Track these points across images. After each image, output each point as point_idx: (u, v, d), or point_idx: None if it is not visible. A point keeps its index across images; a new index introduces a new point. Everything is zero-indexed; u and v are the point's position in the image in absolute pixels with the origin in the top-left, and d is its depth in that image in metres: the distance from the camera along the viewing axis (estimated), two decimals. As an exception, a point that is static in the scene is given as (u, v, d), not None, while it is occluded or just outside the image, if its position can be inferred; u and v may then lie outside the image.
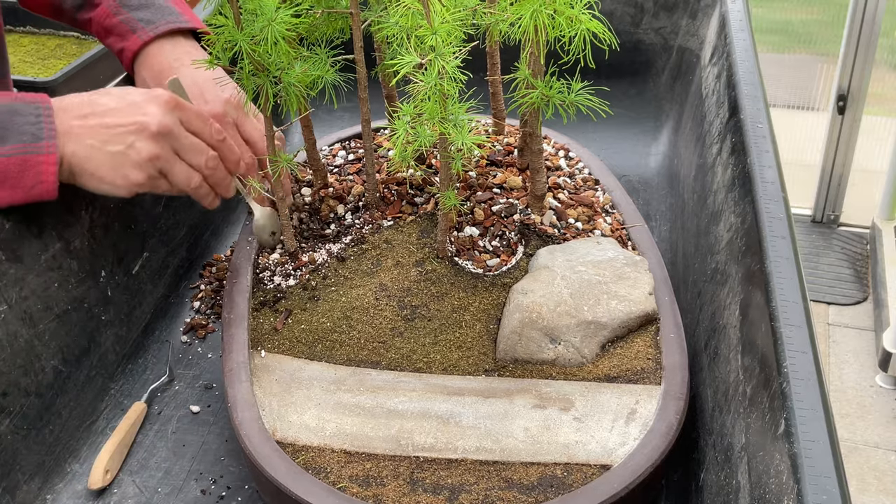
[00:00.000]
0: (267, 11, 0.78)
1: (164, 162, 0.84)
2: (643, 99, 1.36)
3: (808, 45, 2.81)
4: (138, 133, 0.82)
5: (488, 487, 0.72)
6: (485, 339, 0.85)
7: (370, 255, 0.91)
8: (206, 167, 0.87)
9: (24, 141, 0.79)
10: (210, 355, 0.98)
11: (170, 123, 0.83)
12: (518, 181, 0.97)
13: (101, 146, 0.82)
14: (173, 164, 0.85)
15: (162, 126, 0.83)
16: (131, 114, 0.82)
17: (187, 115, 0.86)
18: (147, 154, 0.82)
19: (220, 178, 0.89)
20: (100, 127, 0.82)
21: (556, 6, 0.73)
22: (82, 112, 0.82)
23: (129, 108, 0.83)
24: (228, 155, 0.90)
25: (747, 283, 0.77)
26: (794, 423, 0.59)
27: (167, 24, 1.00)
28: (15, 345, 0.81)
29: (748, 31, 1.13)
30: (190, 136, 0.86)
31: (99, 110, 0.83)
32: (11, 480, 0.79)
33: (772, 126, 0.93)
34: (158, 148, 0.83)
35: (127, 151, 0.82)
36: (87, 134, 0.81)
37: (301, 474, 0.72)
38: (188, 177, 0.86)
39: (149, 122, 0.82)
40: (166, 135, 0.83)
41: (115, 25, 1.02)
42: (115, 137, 0.82)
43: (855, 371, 2.30)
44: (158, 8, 1.02)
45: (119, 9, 1.02)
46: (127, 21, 1.01)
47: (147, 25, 1.00)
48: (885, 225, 2.61)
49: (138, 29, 1.00)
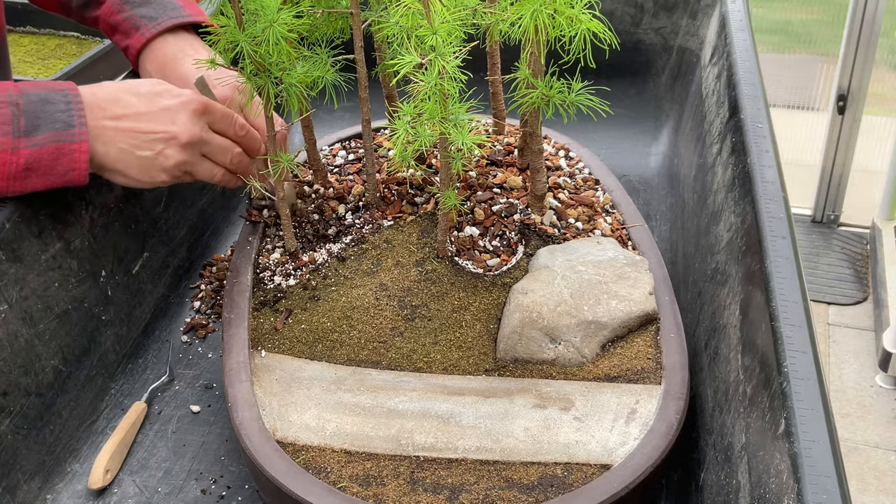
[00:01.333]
0: (268, 12, 0.79)
1: (190, 165, 0.88)
2: (643, 99, 1.36)
3: (808, 45, 2.81)
4: (168, 142, 0.85)
5: (488, 487, 0.72)
6: (485, 338, 0.85)
7: (370, 255, 0.91)
8: (231, 163, 0.91)
9: (57, 129, 0.81)
10: (210, 355, 0.98)
11: (198, 133, 0.87)
12: (518, 181, 0.97)
13: (131, 150, 0.85)
14: (199, 165, 0.89)
15: (192, 136, 0.86)
16: (163, 121, 0.86)
17: (214, 116, 0.89)
18: (175, 161, 0.86)
19: (244, 167, 0.93)
20: (132, 131, 0.85)
21: (557, 6, 0.73)
22: (115, 113, 0.84)
23: (161, 115, 0.86)
24: (251, 145, 0.93)
25: (747, 282, 0.77)
26: (794, 423, 0.59)
27: (169, 19, 1.01)
28: (15, 344, 0.81)
29: (748, 31, 1.13)
30: (216, 138, 0.90)
31: (131, 112, 0.85)
32: (11, 480, 0.79)
33: (772, 126, 0.93)
34: (187, 155, 0.87)
35: (157, 157, 0.86)
36: (120, 138, 0.84)
37: (301, 474, 0.72)
38: (212, 172, 0.91)
39: (179, 133, 0.86)
40: (196, 143, 0.87)
41: (119, 23, 1.03)
42: (145, 143, 0.85)
43: (855, 371, 2.30)
44: (160, 4, 1.03)
45: (122, 6, 1.03)
46: (130, 18, 1.02)
47: (150, 22, 1.01)
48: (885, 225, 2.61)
49: (141, 26, 1.01)
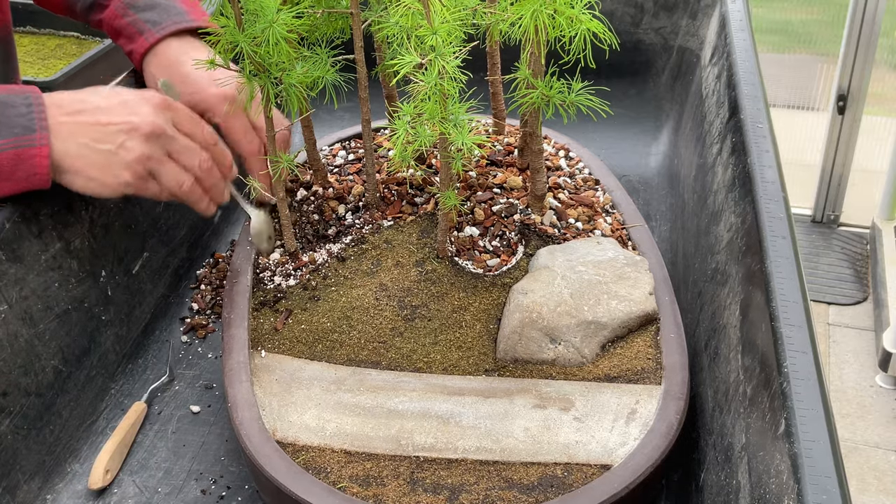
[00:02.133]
0: (268, 13, 0.79)
1: (154, 163, 0.84)
2: (643, 99, 1.36)
3: (808, 45, 2.81)
4: (130, 133, 0.82)
5: (488, 487, 0.72)
6: (485, 339, 0.85)
7: (370, 255, 0.91)
8: (200, 169, 0.87)
9: (17, 134, 0.78)
10: (210, 355, 0.98)
11: (162, 124, 0.83)
12: (518, 181, 0.97)
13: (91, 144, 0.81)
14: (164, 165, 0.84)
15: (154, 126, 0.82)
16: (123, 113, 0.82)
17: (180, 116, 0.86)
18: (137, 154, 0.82)
19: (214, 181, 0.89)
20: (91, 125, 0.81)
21: (557, 6, 0.73)
22: (73, 109, 0.82)
23: (120, 108, 0.83)
24: (221, 159, 0.90)
25: (747, 283, 0.77)
26: (794, 423, 0.59)
27: (173, 24, 1.00)
28: (15, 345, 0.81)
29: (748, 31, 1.13)
30: (183, 137, 0.86)
31: (90, 108, 0.82)
32: (11, 480, 0.79)
33: (772, 126, 0.93)
34: (149, 148, 0.83)
35: (117, 151, 0.82)
36: (78, 132, 0.81)
37: (301, 474, 0.72)
38: (179, 179, 0.86)
39: (140, 123, 0.82)
40: (158, 136, 0.83)
41: (123, 27, 1.02)
42: (106, 136, 0.81)
43: (855, 371, 2.30)
44: (165, 8, 1.02)
45: (126, 10, 1.02)
46: (134, 23, 1.01)
47: (153, 27, 1.00)
48: (885, 225, 2.61)
49: (145, 31, 1.00)
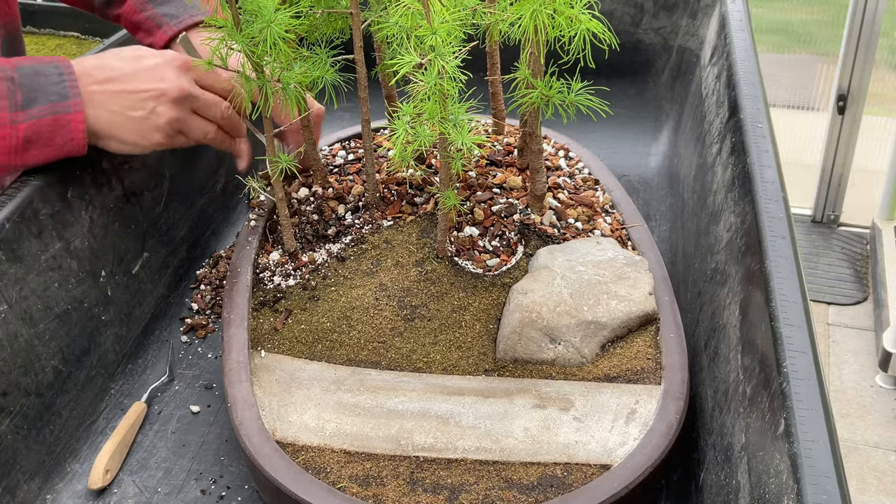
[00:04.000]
0: (266, 13, 0.78)
1: (182, 122, 0.89)
2: (643, 99, 1.36)
3: (808, 45, 2.81)
4: (158, 98, 0.86)
5: (488, 487, 0.72)
6: (485, 339, 0.85)
7: (370, 255, 0.91)
8: (222, 118, 0.92)
9: (53, 101, 0.82)
10: (210, 355, 0.98)
11: (187, 87, 0.88)
12: (518, 181, 0.97)
13: (123, 111, 0.86)
14: (191, 122, 0.90)
15: (181, 90, 0.87)
16: (150, 80, 0.86)
17: (199, 72, 0.90)
18: (168, 118, 0.87)
19: (235, 124, 0.94)
20: (122, 93, 0.85)
21: (556, 6, 0.73)
22: (102, 77, 0.85)
23: (147, 74, 0.87)
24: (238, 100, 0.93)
25: (747, 282, 0.77)
26: (794, 423, 0.59)
27: (190, 17, 1.03)
28: (15, 345, 0.81)
29: (748, 31, 1.13)
30: (205, 93, 0.91)
31: (118, 75, 0.86)
32: (11, 480, 0.79)
33: (772, 126, 0.93)
34: (178, 111, 0.88)
35: (149, 116, 0.86)
36: (110, 100, 0.85)
37: (301, 474, 0.72)
38: (205, 130, 0.92)
39: (168, 88, 0.87)
40: (185, 98, 0.88)
41: (141, 21, 1.05)
42: (137, 104, 0.86)
43: (855, 371, 2.30)
44: (181, 2, 1.04)
45: (145, 5, 1.05)
46: (152, 17, 1.04)
47: (171, 20, 1.03)
48: (885, 225, 2.61)
49: (163, 24, 1.03)
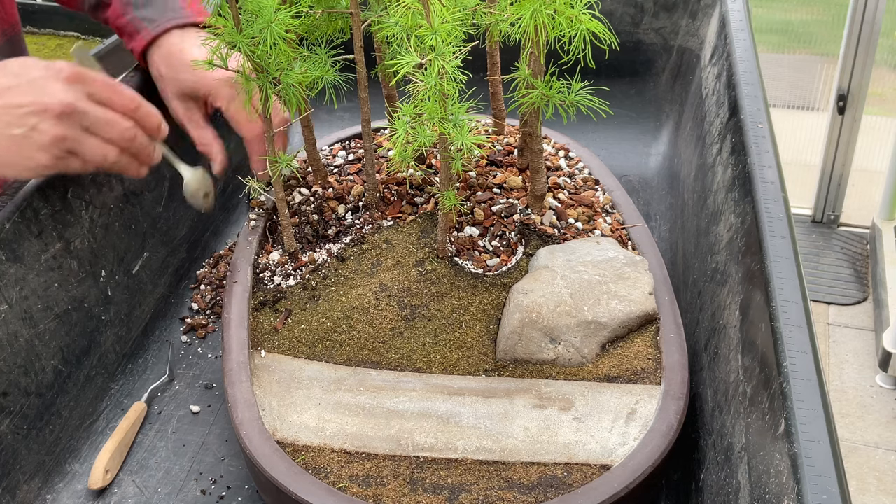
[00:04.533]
0: (266, 13, 0.78)
1: (71, 141, 0.79)
2: (643, 99, 1.36)
3: (808, 45, 2.81)
4: (40, 114, 0.77)
5: (488, 487, 0.72)
6: (485, 339, 0.85)
7: (370, 255, 0.91)
8: (123, 139, 0.83)
9: None
10: (210, 355, 0.98)
11: (73, 101, 0.78)
12: (518, 181, 0.97)
13: (1, 129, 0.77)
14: (83, 142, 0.80)
15: (65, 105, 0.78)
16: (32, 93, 0.77)
17: (94, 86, 0.81)
18: (52, 136, 0.78)
19: (141, 146, 0.84)
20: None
21: (556, 6, 0.73)
22: None
23: (28, 87, 0.78)
24: (147, 120, 0.85)
25: (747, 283, 0.77)
26: (794, 423, 0.59)
27: (168, 21, 1.01)
28: (15, 345, 0.81)
29: (748, 31, 1.13)
30: (99, 109, 0.81)
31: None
32: (11, 480, 0.79)
33: (772, 126, 0.93)
34: (63, 128, 0.78)
35: (30, 134, 0.77)
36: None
37: (301, 474, 0.72)
38: (102, 152, 0.82)
39: (51, 102, 0.77)
40: (71, 113, 0.78)
41: (124, 25, 1.03)
42: (16, 119, 0.77)
43: (855, 371, 2.30)
44: (161, 5, 1.02)
45: (126, 8, 1.03)
46: (133, 21, 1.02)
47: (150, 24, 1.01)
48: (885, 225, 2.61)
49: (142, 29, 1.01)
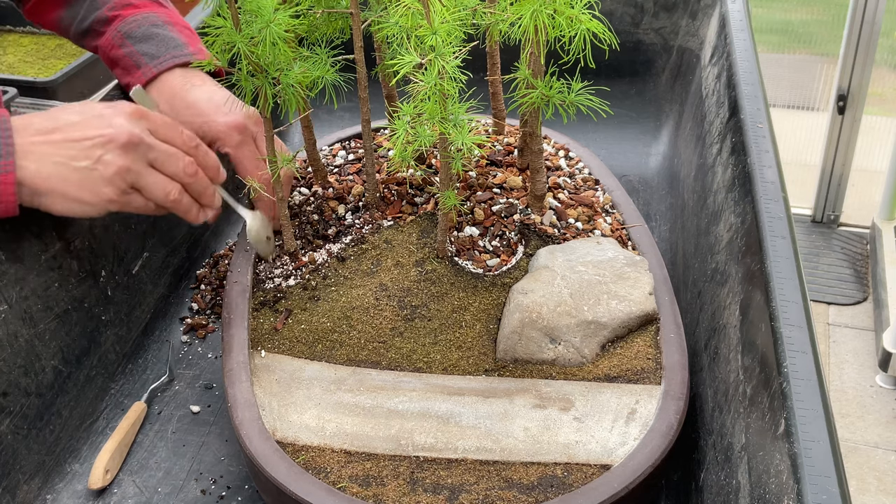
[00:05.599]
0: (265, 13, 0.78)
1: (135, 174, 0.80)
2: (643, 99, 1.36)
3: (808, 45, 2.81)
4: (106, 145, 0.78)
5: (488, 487, 0.72)
6: (485, 339, 0.85)
7: (370, 255, 0.91)
8: (185, 174, 0.83)
9: None
10: (210, 355, 0.98)
11: (138, 133, 0.79)
12: (518, 181, 0.97)
13: (66, 162, 0.77)
14: (147, 176, 0.80)
15: (131, 136, 0.78)
16: (97, 126, 0.78)
17: (155, 124, 0.82)
18: (117, 167, 0.78)
19: (202, 186, 0.85)
20: (65, 142, 0.77)
21: (556, 6, 0.73)
22: (44, 128, 0.78)
23: (94, 121, 0.79)
24: (206, 161, 0.86)
25: (747, 283, 0.77)
26: (794, 423, 0.59)
27: (172, 58, 0.96)
28: (15, 344, 0.81)
29: (748, 31, 1.13)
30: (162, 143, 0.82)
31: (62, 125, 0.78)
32: (11, 480, 0.79)
33: (772, 126, 0.93)
34: (129, 160, 0.79)
35: (95, 166, 0.78)
36: (52, 151, 0.77)
37: (301, 474, 0.72)
38: (165, 189, 0.82)
39: (116, 134, 0.78)
40: (136, 145, 0.79)
41: (120, 58, 0.98)
42: (81, 152, 0.77)
43: (855, 371, 2.30)
44: (164, 40, 0.97)
45: (124, 40, 0.97)
46: (131, 55, 0.96)
47: (151, 61, 0.96)
48: (885, 225, 2.61)
49: (143, 64, 0.96)
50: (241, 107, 0.93)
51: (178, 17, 1.03)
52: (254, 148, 0.94)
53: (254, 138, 0.94)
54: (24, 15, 1.06)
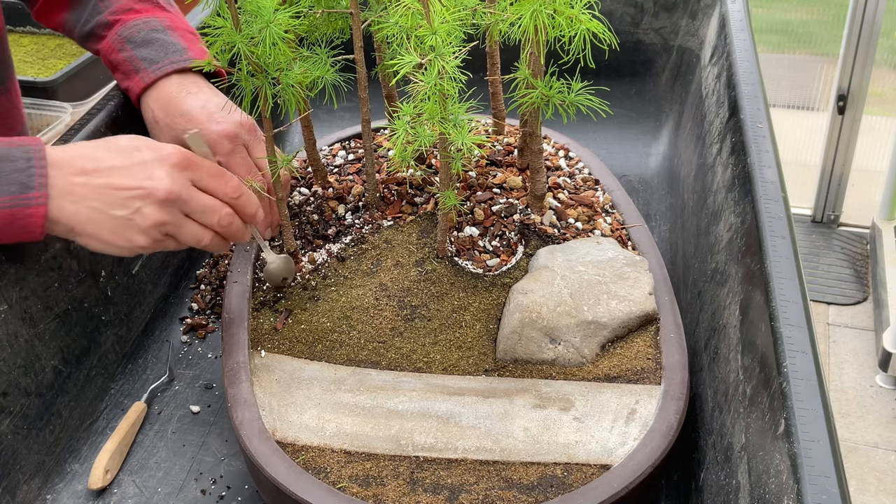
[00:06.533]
0: (265, 13, 0.78)
1: (171, 227, 0.80)
2: (643, 99, 1.36)
3: (808, 45, 2.81)
4: (144, 199, 0.78)
5: (488, 487, 0.72)
6: (485, 339, 0.85)
7: (370, 255, 0.91)
8: (219, 225, 0.83)
9: (13, 192, 0.74)
10: (210, 355, 0.98)
11: (178, 189, 0.79)
12: (518, 181, 0.97)
13: (104, 209, 0.77)
14: (181, 227, 0.81)
15: (170, 193, 0.78)
16: (138, 176, 0.78)
17: (200, 173, 0.81)
18: (153, 221, 0.78)
19: (235, 231, 0.85)
20: (104, 188, 0.77)
21: (556, 6, 0.73)
22: (85, 168, 0.77)
23: (135, 169, 0.78)
24: (246, 208, 0.85)
25: (747, 283, 0.77)
26: (794, 423, 0.59)
27: (170, 63, 0.96)
28: (15, 344, 0.81)
29: (748, 31, 1.13)
30: (201, 196, 0.81)
31: (104, 167, 0.78)
32: (11, 480, 0.79)
33: (772, 126, 0.93)
34: (166, 214, 0.79)
35: (132, 216, 0.78)
36: (91, 195, 0.77)
37: (301, 474, 0.72)
38: (197, 237, 0.82)
39: (156, 188, 0.78)
40: (174, 201, 0.79)
41: (120, 62, 0.98)
42: (119, 201, 0.77)
43: (855, 371, 2.30)
44: (163, 45, 0.97)
45: (124, 44, 0.97)
46: (130, 59, 0.96)
47: (150, 66, 0.95)
48: (885, 225, 2.61)
49: (141, 69, 0.96)
50: (234, 114, 0.93)
51: (180, 21, 1.03)
52: (245, 155, 0.94)
53: (246, 146, 0.94)
54: (32, 16, 1.07)
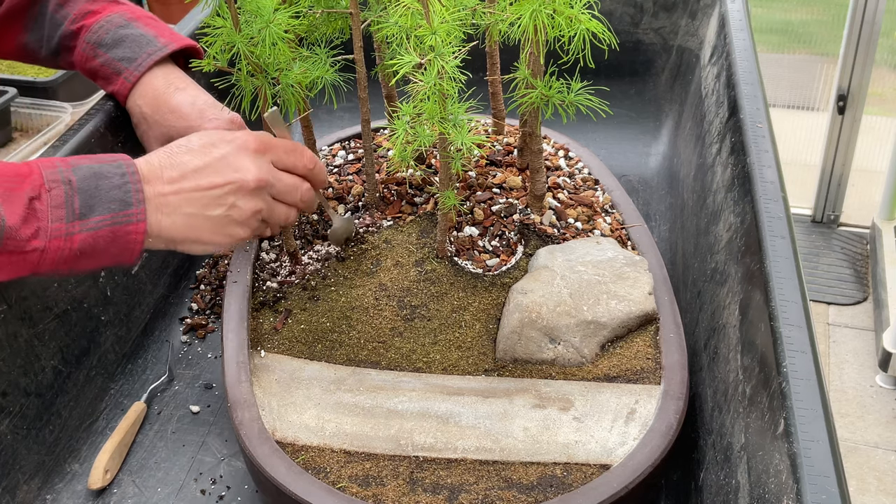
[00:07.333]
0: (265, 13, 0.78)
1: (265, 212, 0.81)
2: (643, 99, 1.36)
3: (808, 45, 2.81)
4: (237, 192, 0.78)
5: (488, 487, 0.72)
6: (484, 338, 0.85)
7: (370, 255, 0.91)
8: (302, 200, 0.84)
9: (113, 210, 0.73)
10: (210, 355, 0.98)
11: (265, 175, 0.80)
12: (518, 181, 0.97)
13: (200, 212, 0.77)
14: (273, 210, 0.82)
15: (259, 181, 0.79)
16: (224, 172, 0.78)
17: (277, 153, 0.82)
18: (250, 211, 0.79)
19: (310, 201, 0.86)
20: (195, 191, 0.77)
21: (556, 6, 0.73)
22: (171, 177, 0.77)
23: (220, 165, 0.78)
24: (319, 176, 0.86)
25: (747, 282, 0.77)
26: (793, 423, 0.59)
27: (148, 56, 0.95)
28: (15, 345, 0.81)
29: (748, 31, 1.13)
30: (284, 177, 0.82)
31: (188, 171, 0.77)
32: (11, 480, 0.79)
33: (772, 126, 0.93)
34: (259, 202, 0.80)
35: (229, 212, 0.78)
36: (184, 203, 0.77)
37: (301, 474, 0.72)
38: (286, 216, 0.84)
39: (245, 179, 0.78)
40: (264, 187, 0.80)
41: (97, 68, 0.97)
42: (214, 201, 0.78)
43: (855, 371, 2.30)
44: (135, 40, 0.96)
45: (96, 50, 0.96)
46: (108, 63, 0.96)
47: (129, 65, 0.95)
48: (885, 225, 2.61)
49: (122, 70, 0.95)
50: (224, 112, 0.94)
51: (138, 10, 1.02)
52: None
53: None
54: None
